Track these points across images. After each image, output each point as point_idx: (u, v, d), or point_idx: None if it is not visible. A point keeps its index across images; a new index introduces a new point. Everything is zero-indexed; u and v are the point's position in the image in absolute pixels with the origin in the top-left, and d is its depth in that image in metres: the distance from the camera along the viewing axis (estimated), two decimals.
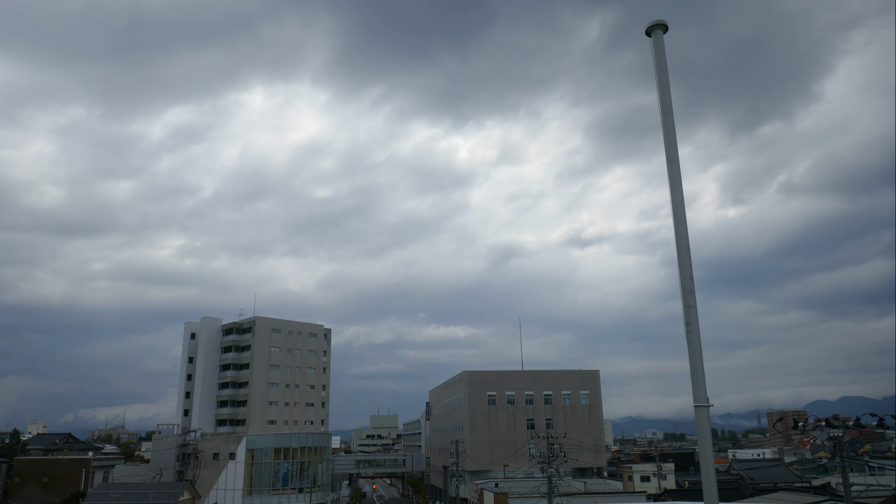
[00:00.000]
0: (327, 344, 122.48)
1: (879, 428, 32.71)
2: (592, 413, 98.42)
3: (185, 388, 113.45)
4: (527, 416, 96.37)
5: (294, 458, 77.12)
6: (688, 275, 15.90)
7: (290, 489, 76.04)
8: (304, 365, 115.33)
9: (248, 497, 74.62)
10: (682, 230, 16.19)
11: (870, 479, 59.74)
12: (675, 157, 16.93)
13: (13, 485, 79.78)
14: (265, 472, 75.63)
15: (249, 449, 76.21)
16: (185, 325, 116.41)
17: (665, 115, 17.19)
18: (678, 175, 16.84)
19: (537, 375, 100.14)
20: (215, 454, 78.28)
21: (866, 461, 72.92)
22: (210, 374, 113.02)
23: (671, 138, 16.98)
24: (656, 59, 17.64)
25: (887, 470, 65.03)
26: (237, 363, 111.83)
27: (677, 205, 16.46)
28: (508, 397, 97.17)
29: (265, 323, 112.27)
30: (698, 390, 15.18)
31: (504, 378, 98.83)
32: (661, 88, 17.45)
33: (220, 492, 75.42)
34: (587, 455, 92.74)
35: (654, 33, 17.79)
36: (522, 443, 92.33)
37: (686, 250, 16.04)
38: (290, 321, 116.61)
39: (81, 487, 77.28)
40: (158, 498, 63.82)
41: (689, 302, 15.65)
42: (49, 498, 77.12)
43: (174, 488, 69.23)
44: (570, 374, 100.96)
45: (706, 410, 15.19)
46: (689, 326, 15.49)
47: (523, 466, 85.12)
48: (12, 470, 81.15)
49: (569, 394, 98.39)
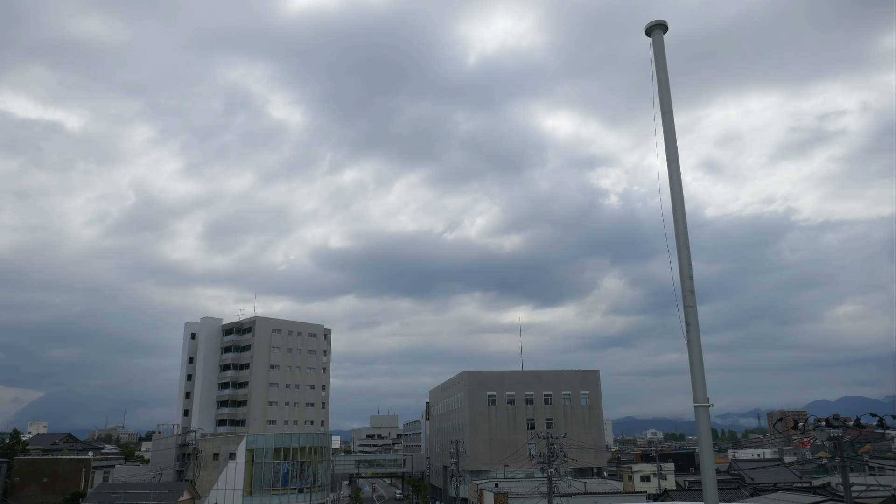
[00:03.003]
0: (327, 344, 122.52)
1: (879, 428, 32.68)
2: (592, 413, 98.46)
3: (185, 388, 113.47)
4: (527, 416, 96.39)
5: (294, 459, 77.11)
6: (688, 275, 15.90)
7: (290, 489, 76.02)
8: (304, 365, 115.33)
9: (248, 497, 74.60)
10: (682, 230, 16.17)
11: (870, 479, 59.72)
12: (675, 156, 16.93)
13: (13, 485, 79.77)
14: (265, 473, 75.62)
15: (249, 449, 76.19)
16: (185, 325, 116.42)
17: (665, 115, 17.18)
18: (678, 175, 16.83)
19: (537, 375, 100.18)
20: (215, 454, 78.27)
21: (866, 461, 72.94)
22: (210, 374, 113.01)
23: (671, 138, 16.98)
24: (656, 59, 17.64)
25: (887, 470, 65.05)
26: (237, 363, 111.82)
27: (677, 205, 16.46)
28: (508, 397, 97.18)
29: (265, 323, 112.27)
30: (698, 390, 15.17)
31: (504, 378, 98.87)
32: (661, 88, 17.45)
33: (220, 492, 75.41)
34: (587, 455, 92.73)
35: (654, 33, 17.78)
36: (522, 443, 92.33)
37: (686, 250, 16.03)
38: (290, 321, 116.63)
39: (81, 487, 77.24)
40: (158, 498, 63.80)
41: (689, 302, 15.65)
42: (49, 498, 77.07)
43: (174, 488, 69.20)
44: (570, 374, 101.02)
45: (706, 410, 15.18)
46: (689, 326, 15.48)
47: (523, 466, 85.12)
48: (12, 470, 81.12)
49: (569, 394, 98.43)
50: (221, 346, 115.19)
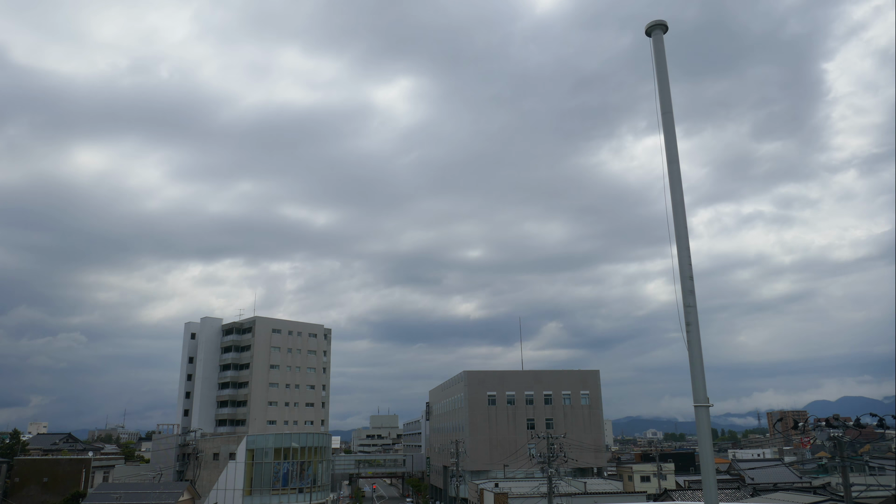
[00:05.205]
0: (327, 344, 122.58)
1: (879, 428, 32.73)
2: (592, 413, 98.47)
3: (185, 388, 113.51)
4: (527, 417, 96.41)
5: (294, 459, 77.09)
6: (688, 275, 15.92)
7: (290, 489, 76.00)
8: (304, 365, 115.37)
9: (248, 497, 74.57)
10: (682, 230, 16.20)
11: (870, 479, 59.77)
12: (675, 156, 16.96)
13: (13, 485, 79.70)
14: (265, 473, 75.60)
15: (249, 449, 76.16)
16: (186, 326, 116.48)
17: (665, 115, 17.20)
18: (678, 175, 16.87)
19: (537, 375, 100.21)
20: (215, 454, 78.26)
21: (866, 461, 73.01)
22: (210, 374, 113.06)
23: (671, 138, 17.01)
24: (656, 59, 17.66)
25: (887, 470, 65.12)
26: (237, 363, 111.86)
27: (677, 205, 16.48)
28: (508, 397, 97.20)
29: (265, 323, 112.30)
30: (698, 390, 15.19)
31: (504, 378, 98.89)
32: (661, 88, 17.47)
33: (220, 492, 75.39)
34: (587, 455, 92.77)
35: (654, 33, 17.80)
36: (522, 443, 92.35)
37: (686, 250, 16.06)
38: (290, 321, 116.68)
39: (81, 488, 77.17)
40: (158, 498, 63.75)
41: (689, 302, 15.67)
42: (49, 498, 77.02)
43: (174, 488, 69.13)
44: (570, 374, 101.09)
45: (706, 410, 15.20)
46: (690, 326, 15.50)
47: (523, 466, 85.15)
48: (12, 470, 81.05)
49: (569, 394, 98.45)
50: (221, 346, 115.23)
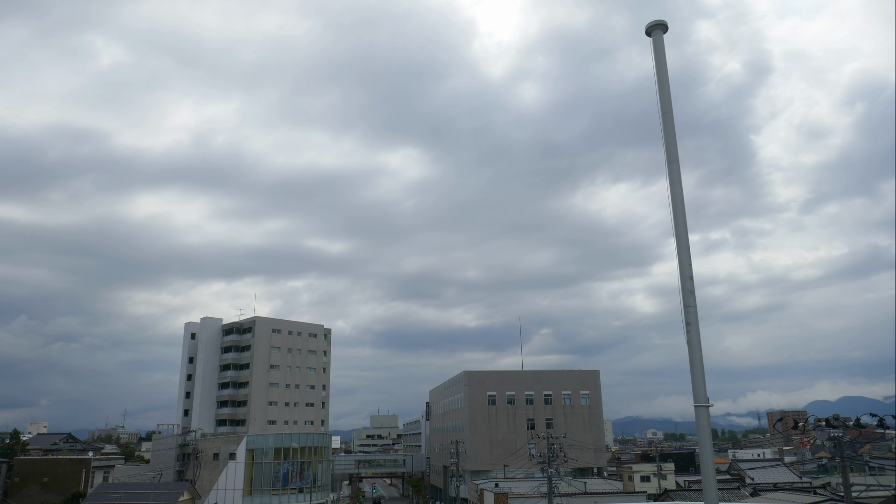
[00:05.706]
0: (327, 344, 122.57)
1: (879, 428, 32.72)
2: (592, 413, 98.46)
3: (185, 388, 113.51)
4: (527, 417, 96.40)
5: (294, 459, 77.08)
6: (688, 275, 15.92)
7: (290, 489, 75.98)
8: (304, 365, 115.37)
9: (248, 497, 74.56)
10: (682, 230, 16.20)
11: (870, 479, 59.80)
12: (675, 157, 16.97)
13: (13, 485, 79.71)
14: (265, 473, 75.59)
15: (249, 449, 76.15)
16: (186, 326, 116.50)
17: (665, 115, 17.21)
18: (678, 175, 16.87)
19: (537, 375, 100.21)
20: (215, 454, 78.25)
21: (866, 461, 73.08)
22: (210, 375, 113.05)
23: (671, 138, 17.01)
24: (656, 60, 17.66)
25: (887, 470, 65.16)
26: (237, 363, 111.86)
27: (677, 205, 16.49)
28: (508, 397, 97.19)
29: (265, 323, 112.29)
30: (698, 390, 15.19)
31: (504, 378, 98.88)
32: (661, 88, 17.47)
33: (220, 492, 75.38)
34: (587, 455, 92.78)
35: (654, 33, 17.80)
36: (522, 443, 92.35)
37: (686, 250, 16.06)
38: (290, 321, 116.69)
39: (81, 487, 77.19)
40: (158, 498, 63.77)
41: (689, 302, 15.67)
42: (49, 498, 77.04)
43: (174, 488, 69.16)
44: (570, 374, 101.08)
45: (706, 410, 15.21)
46: (689, 326, 15.50)
47: (523, 466, 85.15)
48: (12, 470, 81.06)
49: (569, 394, 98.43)
50: (221, 347, 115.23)
